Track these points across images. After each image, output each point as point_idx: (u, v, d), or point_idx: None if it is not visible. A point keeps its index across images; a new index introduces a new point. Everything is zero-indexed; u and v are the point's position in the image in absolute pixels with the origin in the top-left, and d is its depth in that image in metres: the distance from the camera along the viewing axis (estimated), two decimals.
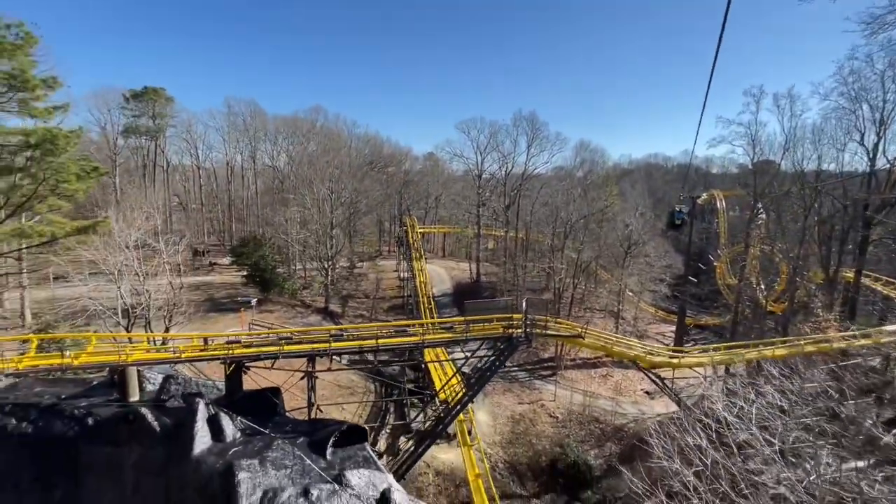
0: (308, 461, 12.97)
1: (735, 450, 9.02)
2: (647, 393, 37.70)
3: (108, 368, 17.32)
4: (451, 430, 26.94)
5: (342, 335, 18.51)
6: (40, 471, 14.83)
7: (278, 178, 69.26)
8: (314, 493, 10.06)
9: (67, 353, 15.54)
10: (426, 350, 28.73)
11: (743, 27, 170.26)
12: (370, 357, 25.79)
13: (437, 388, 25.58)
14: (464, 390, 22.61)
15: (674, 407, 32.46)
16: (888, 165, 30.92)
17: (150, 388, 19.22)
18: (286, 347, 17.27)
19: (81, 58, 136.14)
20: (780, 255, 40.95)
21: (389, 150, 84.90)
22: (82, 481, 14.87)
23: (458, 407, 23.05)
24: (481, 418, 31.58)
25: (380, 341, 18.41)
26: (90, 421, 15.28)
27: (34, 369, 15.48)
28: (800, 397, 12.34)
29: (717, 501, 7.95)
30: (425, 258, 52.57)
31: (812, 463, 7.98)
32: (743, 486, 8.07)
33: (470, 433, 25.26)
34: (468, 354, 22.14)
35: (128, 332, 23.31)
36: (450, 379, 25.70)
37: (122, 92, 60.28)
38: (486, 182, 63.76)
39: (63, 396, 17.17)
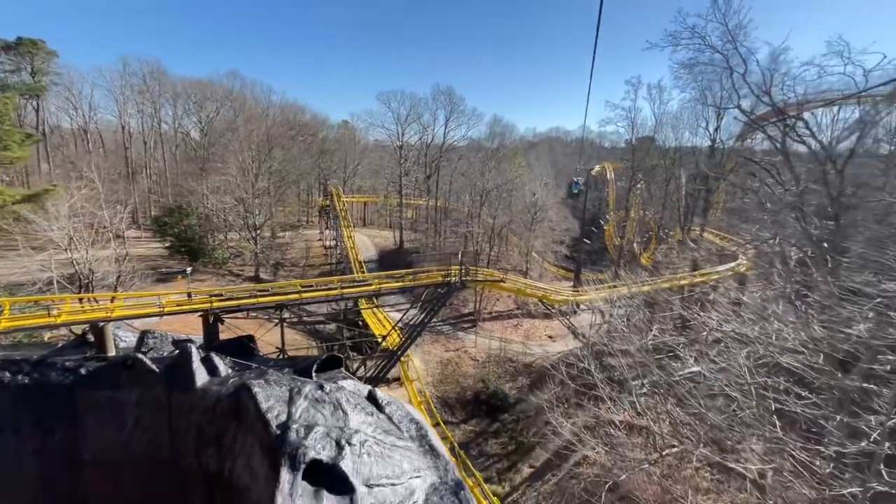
0: (302, 380, 16.36)
1: (609, 335, 14.25)
2: (549, 337, 45.14)
3: (86, 327, 18.48)
4: (389, 377, 31.25)
5: (312, 286, 21.33)
6: (39, 416, 16.18)
7: (192, 146, 65.25)
8: (326, 388, 13.57)
9: (53, 311, 16.61)
10: (367, 306, 32.46)
11: (631, 15, 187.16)
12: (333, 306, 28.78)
13: (381, 337, 29.38)
14: (404, 337, 26.71)
15: (571, 345, 40.11)
16: (722, 146, 40.20)
17: (122, 344, 20.52)
18: (261, 299, 19.77)
19: None
20: (651, 218, 50.35)
21: (307, 117, 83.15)
22: (82, 422, 16.44)
23: (401, 351, 27.22)
24: (415, 364, 36.29)
25: (343, 291, 21.59)
26: (83, 371, 16.76)
27: (17, 328, 16.42)
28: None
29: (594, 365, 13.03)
30: (353, 226, 54.90)
31: (649, 333, 13.41)
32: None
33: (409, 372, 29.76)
34: (410, 300, 26.09)
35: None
36: (391, 329, 29.66)
37: None
38: (406, 152, 66.41)
39: (36, 357, 18.10)
